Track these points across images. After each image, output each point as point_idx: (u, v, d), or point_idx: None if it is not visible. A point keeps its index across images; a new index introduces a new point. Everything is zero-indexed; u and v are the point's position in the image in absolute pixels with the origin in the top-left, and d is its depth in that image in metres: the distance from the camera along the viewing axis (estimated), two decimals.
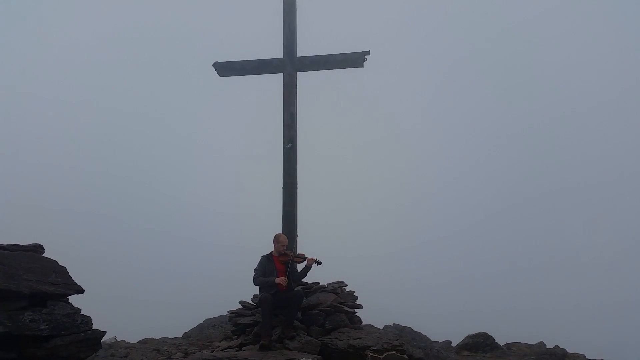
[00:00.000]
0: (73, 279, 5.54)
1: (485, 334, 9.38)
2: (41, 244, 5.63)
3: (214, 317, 10.88)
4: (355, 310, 7.76)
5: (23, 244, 5.48)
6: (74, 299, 5.52)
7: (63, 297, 5.32)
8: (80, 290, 5.45)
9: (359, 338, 6.85)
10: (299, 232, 8.11)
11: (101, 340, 5.80)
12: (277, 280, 6.77)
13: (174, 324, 11.40)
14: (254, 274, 6.98)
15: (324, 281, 8.07)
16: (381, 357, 6.50)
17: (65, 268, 5.52)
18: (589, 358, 9.10)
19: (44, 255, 5.55)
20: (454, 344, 9.75)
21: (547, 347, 9.29)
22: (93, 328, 5.40)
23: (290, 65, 8.77)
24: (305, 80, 8.91)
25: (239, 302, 7.97)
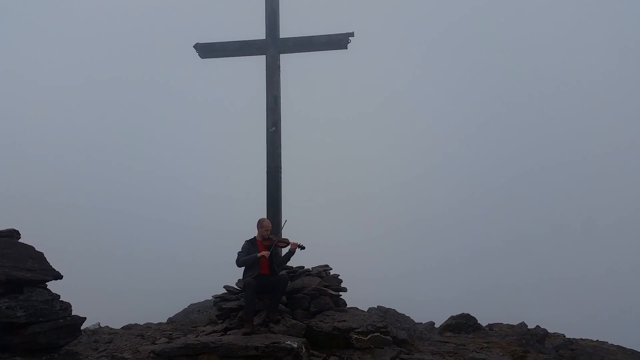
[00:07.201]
0: (52, 265, 5.41)
1: (468, 315, 9.50)
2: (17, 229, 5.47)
3: (199, 302, 10.87)
4: (340, 293, 7.79)
5: None
6: (60, 288, 5.40)
7: (40, 284, 5.20)
8: (58, 276, 5.32)
9: (344, 320, 6.88)
10: (285, 218, 8.05)
11: (85, 327, 5.71)
12: (260, 253, 6.73)
13: (159, 309, 11.36)
14: (237, 257, 6.92)
15: (308, 265, 8.07)
16: (365, 339, 6.54)
17: (42, 254, 5.39)
18: (568, 337, 9.31)
19: (19, 241, 5.40)
20: (437, 326, 9.88)
21: (529, 327, 9.45)
22: (73, 314, 5.30)
23: (273, 46, 8.61)
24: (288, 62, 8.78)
25: (224, 287, 7.94)
